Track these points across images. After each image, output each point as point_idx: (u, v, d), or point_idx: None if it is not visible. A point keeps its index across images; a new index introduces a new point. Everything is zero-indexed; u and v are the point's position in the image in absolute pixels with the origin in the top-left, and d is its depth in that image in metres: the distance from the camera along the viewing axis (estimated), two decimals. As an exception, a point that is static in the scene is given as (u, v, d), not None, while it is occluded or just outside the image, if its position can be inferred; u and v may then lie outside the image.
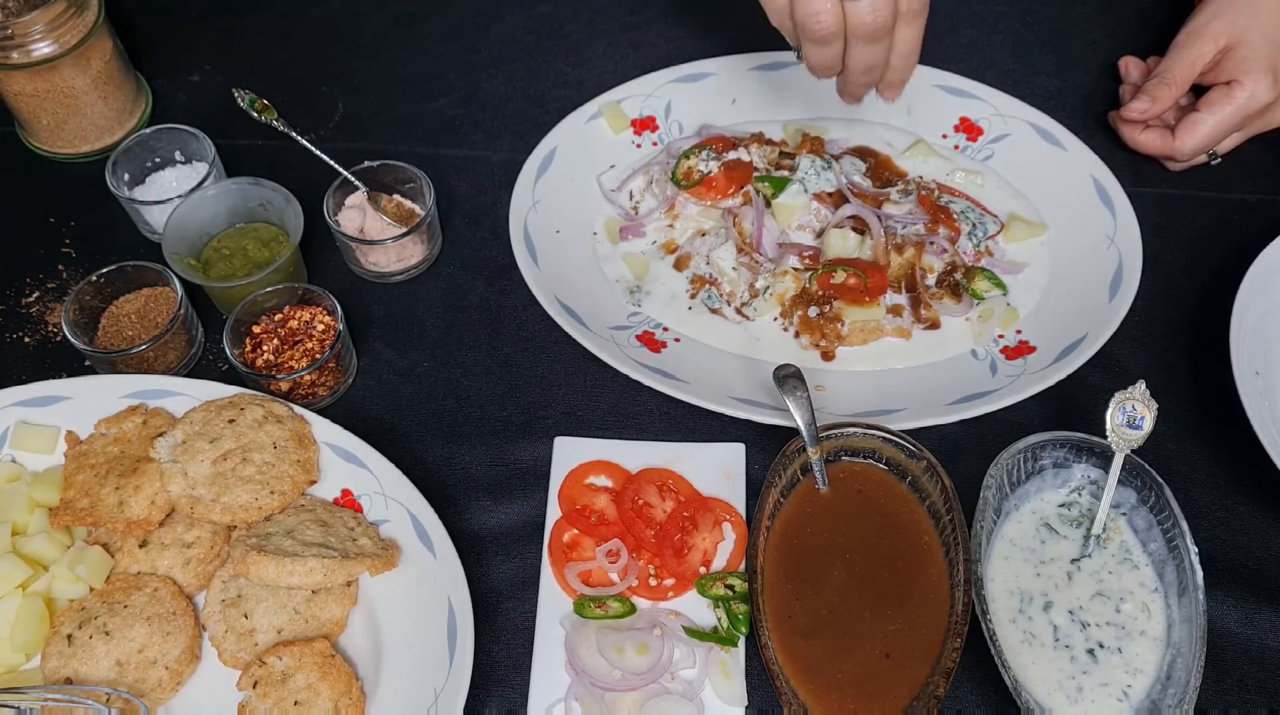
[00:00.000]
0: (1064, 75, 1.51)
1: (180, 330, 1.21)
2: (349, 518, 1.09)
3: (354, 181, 1.30)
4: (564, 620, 1.05)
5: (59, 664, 1.00)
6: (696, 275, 1.30)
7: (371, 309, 1.30)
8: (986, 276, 1.28)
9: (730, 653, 1.03)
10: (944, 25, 1.57)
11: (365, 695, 1.01)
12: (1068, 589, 1.04)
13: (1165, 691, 0.97)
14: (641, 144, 1.42)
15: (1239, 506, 1.14)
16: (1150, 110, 1.34)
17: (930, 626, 1.00)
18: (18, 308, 1.31)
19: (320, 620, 1.04)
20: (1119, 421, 1.04)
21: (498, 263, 1.33)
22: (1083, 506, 1.09)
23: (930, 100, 1.42)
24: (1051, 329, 1.24)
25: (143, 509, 1.07)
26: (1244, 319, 1.16)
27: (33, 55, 1.28)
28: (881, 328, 1.25)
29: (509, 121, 1.47)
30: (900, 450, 1.09)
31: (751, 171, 1.31)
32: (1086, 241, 1.30)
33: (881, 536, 1.06)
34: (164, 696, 1.01)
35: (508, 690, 1.04)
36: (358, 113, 1.48)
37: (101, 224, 1.37)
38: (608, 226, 1.35)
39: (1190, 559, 1.01)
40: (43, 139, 1.42)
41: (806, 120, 1.43)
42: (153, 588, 1.04)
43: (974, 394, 1.18)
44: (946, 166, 1.39)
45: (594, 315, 1.25)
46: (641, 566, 1.08)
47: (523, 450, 1.18)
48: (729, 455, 1.15)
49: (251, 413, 1.12)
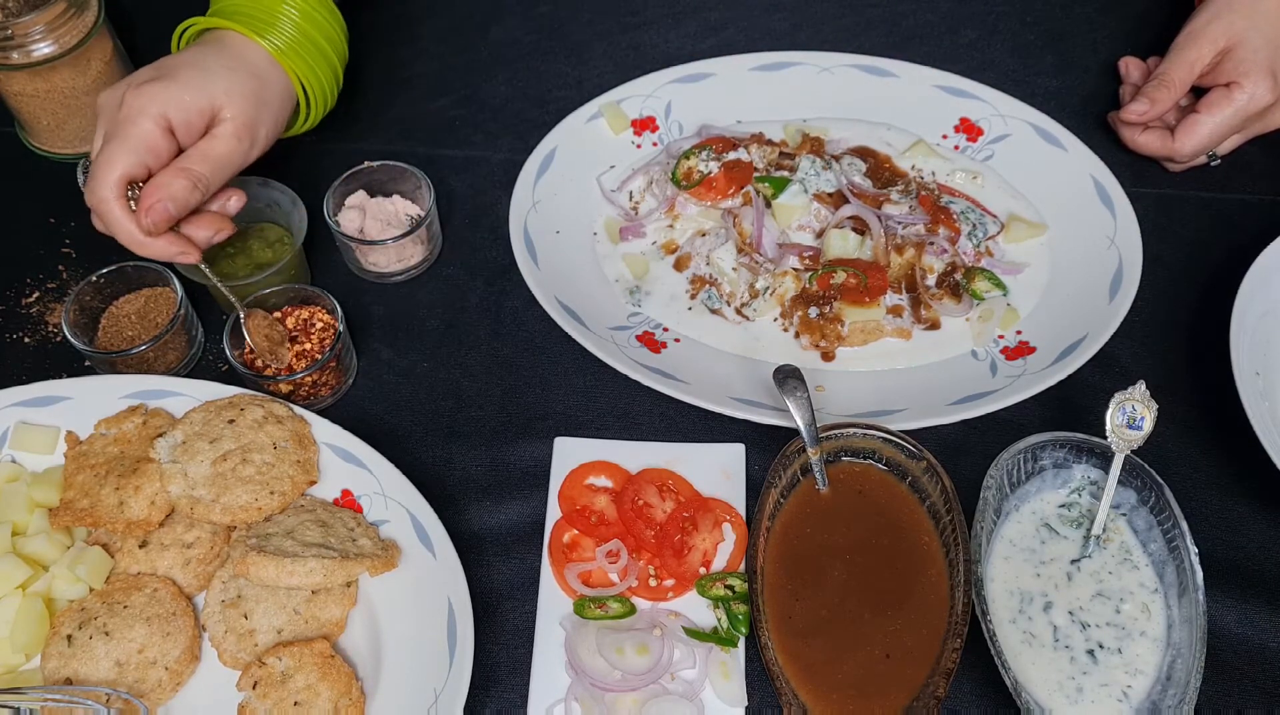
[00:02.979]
0: (1064, 75, 1.51)
1: (180, 330, 1.21)
2: (349, 518, 1.09)
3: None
4: (564, 621, 1.05)
5: (59, 664, 1.00)
6: (696, 275, 1.30)
7: (371, 309, 1.30)
8: (986, 277, 1.28)
9: (730, 653, 1.03)
10: (944, 25, 1.57)
11: (365, 695, 1.01)
12: (1068, 589, 1.04)
13: (1165, 692, 0.97)
14: (641, 144, 1.42)
15: (1239, 506, 1.14)
16: (1149, 112, 1.34)
17: (930, 627, 1.00)
18: (18, 308, 1.31)
19: (320, 621, 1.04)
20: (1119, 422, 1.04)
21: (498, 263, 1.33)
22: (1083, 507, 1.09)
23: (930, 100, 1.42)
24: (1051, 329, 1.24)
25: (143, 509, 1.07)
26: (1244, 319, 1.16)
27: (33, 56, 1.28)
28: (881, 328, 1.25)
29: (509, 121, 1.47)
30: (900, 451, 1.09)
31: (751, 172, 1.31)
32: (1086, 242, 1.30)
33: (881, 537, 1.06)
34: (164, 697, 1.01)
35: (508, 690, 1.04)
36: (358, 113, 1.48)
37: (101, 224, 1.37)
38: (608, 226, 1.35)
39: (1190, 559, 1.01)
40: (43, 139, 1.42)
41: (806, 120, 1.43)
42: (153, 588, 1.04)
43: (974, 394, 1.18)
44: (946, 166, 1.39)
45: (594, 315, 1.25)
46: (641, 567, 1.08)
47: (523, 450, 1.18)
48: (729, 455, 1.15)
49: (251, 413, 1.12)
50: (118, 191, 1.09)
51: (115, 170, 1.09)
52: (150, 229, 1.10)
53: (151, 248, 1.12)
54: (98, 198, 1.10)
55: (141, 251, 1.13)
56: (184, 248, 1.13)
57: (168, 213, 1.10)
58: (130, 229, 1.10)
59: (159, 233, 1.11)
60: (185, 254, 1.14)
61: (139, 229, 1.10)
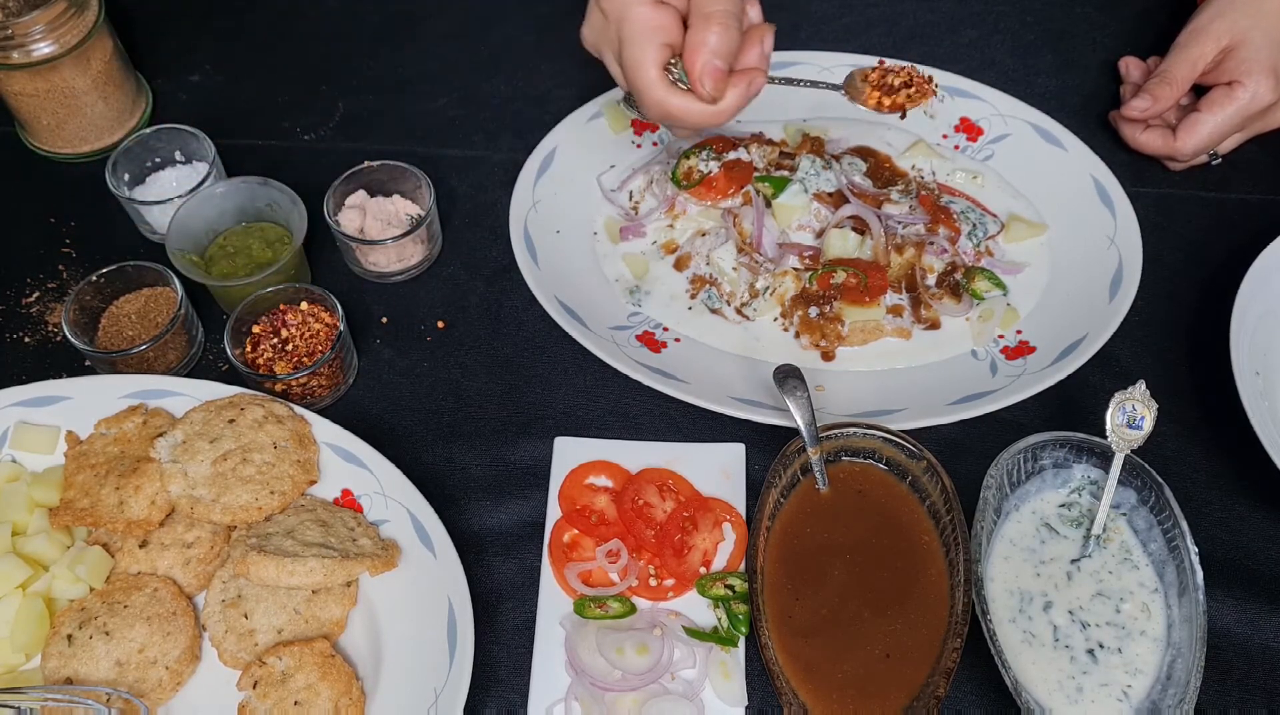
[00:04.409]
0: (1064, 75, 1.51)
1: (180, 330, 1.21)
2: (349, 518, 1.09)
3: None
4: (564, 620, 1.05)
5: (59, 664, 1.00)
6: (696, 275, 1.30)
7: (371, 309, 1.30)
8: (986, 276, 1.28)
9: (730, 653, 1.03)
10: (944, 25, 1.57)
11: (365, 695, 1.01)
12: (1068, 589, 1.04)
13: (1165, 692, 0.97)
14: (641, 144, 1.42)
15: (1239, 506, 1.14)
16: (1151, 109, 1.34)
17: (930, 626, 1.00)
18: (18, 308, 1.31)
19: (320, 620, 1.04)
20: (1119, 421, 1.04)
21: (498, 263, 1.33)
22: (1083, 506, 1.09)
23: (930, 100, 1.42)
24: (1051, 329, 1.24)
25: (143, 509, 1.07)
26: (1244, 319, 1.16)
27: (33, 55, 1.28)
28: (881, 328, 1.25)
29: (509, 121, 1.47)
30: (900, 450, 1.09)
31: (751, 171, 1.31)
32: (1086, 241, 1.30)
33: (881, 536, 1.06)
34: (164, 696, 1.01)
35: (508, 690, 1.04)
36: (358, 113, 1.48)
37: (101, 224, 1.37)
38: (608, 226, 1.35)
39: (1190, 559, 1.01)
40: (43, 139, 1.42)
41: (806, 120, 1.43)
42: (153, 588, 1.04)
43: (974, 394, 1.18)
44: (946, 166, 1.39)
45: (594, 315, 1.25)
46: (641, 566, 1.08)
47: (523, 450, 1.18)
48: (729, 455, 1.15)
49: (251, 413, 1.12)
50: (664, 86, 1.02)
51: (649, 70, 1.02)
52: (713, 94, 1.02)
53: (725, 110, 1.04)
54: (653, 102, 1.03)
55: (718, 120, 1.05)
56: (749, 78, 1.04)
57: (719, 70, 1.02)
58: (696, 108, 1.03)
59: (721, 94, 1.03)
60: (754, 83, 1.04)
61: (707, 102, 1.02)
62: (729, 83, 1.04)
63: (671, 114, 1.05)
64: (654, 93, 1.03)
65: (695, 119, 1.05)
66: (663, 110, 1.05)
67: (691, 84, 1.03)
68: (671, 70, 1.04)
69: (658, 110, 1.05)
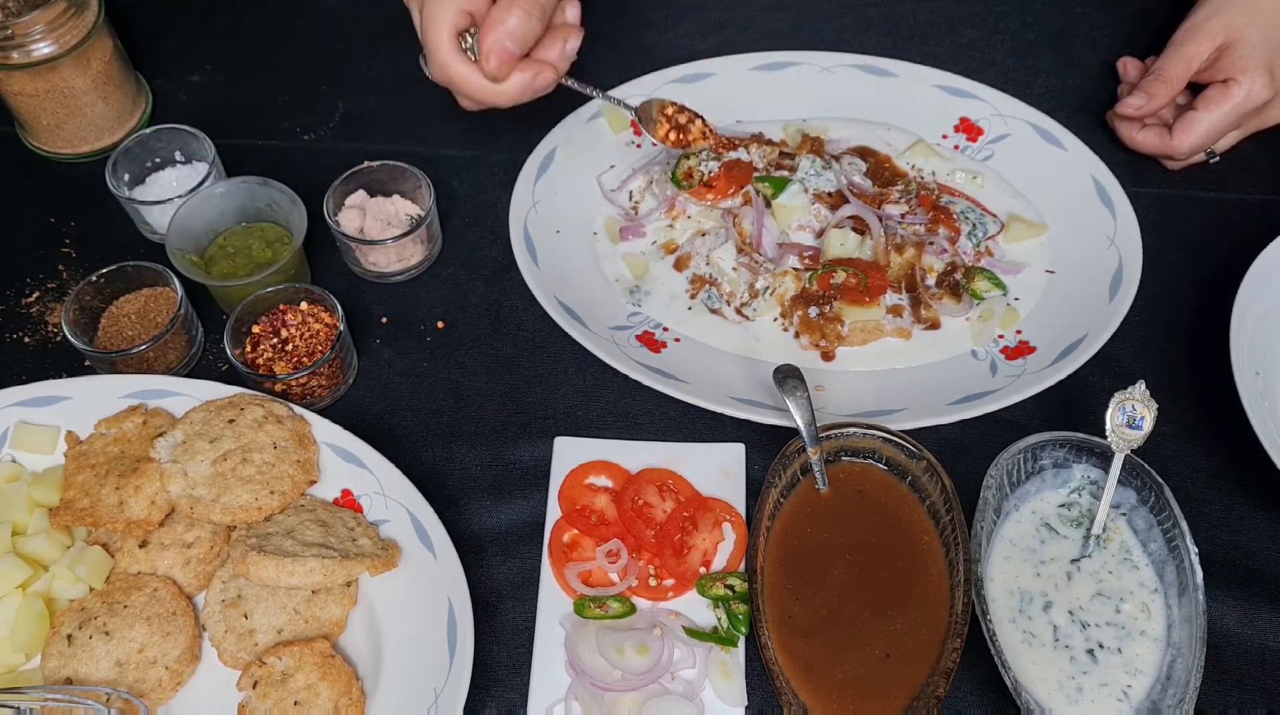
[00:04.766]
0: (1064, 75, 1.51)
1: (180, 330, 1.21)
2: (349, 518, 1.09)
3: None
4: (564, 620, 1.05)
5: (59, 664, 1.00)
6: (696, 275, 1.30)
7: (371, 309, 1.30)
8: (986, 276, 1.28)
9: (730, 653, 1.03)
10: (944, 25, 1.57)
11: (365, 695, 1.01)
12: (1068, 589, 1.04)
13: (1165, 692, 0.97)
14: (641, 144, 1.42)
15: (1239, 506, 1.14)
16: (1146, 106, 1.34)
17: (930, 626, 1.00)
18: (18, 308, 1.31)
19: (320, 620, 1.04)
20: (1119, 421, 1.04)
21: (498, 263, 1.33)
22: (1083, 506, 1.09)
23: (930, 100, 1.42)
24: (1051, 329, 1.24)
25: (143, 509, 1.07)
26: (1244, 319, 1.16)
27: (33, 55, 1.28)
28: (881, 328, 1.25)
29: (509, 121, 1.47)
30: (900, 450, 1.09)
31: (751, 171, 1.31)
32: (1086, 241, 1.30)
33: (881, 536, 1.06)
34: (164, 696, 1.01)
35: (508, 690, 1.04)
36: (358, 113, 1.48)
37: (101, 224, 1.37)
38: (608, 226, 1.35)
39: (1190, 559, 1.01)
40: (43, 139, 1.42)
41: (806, 120, 1.43)
42: (153, 588, 1.04)
43: (974, 394, 1.18)
44: (946, 166, 1.39)
45: (594, 315, 1.25)
46: (641, 566, 1.08)
47: (523, 450, 1.18)
48: (729, 455, 1.15)
49: (251, 413, 1.12)
50: (452, 49, 1.03)
51: (441, 29, 1.03)
52: (495, 72, 1.02)
53: (506, 92, 1.04)
54: (437, 63, 1.03)
55: (497, 100, 1.05)
56: (538, 70, 1.05)
57: (507, 52, 1.02)
58: (478, 82, 1.03)
59: (504, 75, 1.04)
60: (540, 75, 1.05)
61: (489, 79, 1.03)
62: (517, 67, 1.05)
63: (453, 79, 1.06)
64: (441, 54, 1.04)
65: (474, 91, 1.06)
66: (445, 74, 1.06)
67: (480, 57, 1.04)
68: (467, 38, 1.05)
69: (441, 73, 1.06)
